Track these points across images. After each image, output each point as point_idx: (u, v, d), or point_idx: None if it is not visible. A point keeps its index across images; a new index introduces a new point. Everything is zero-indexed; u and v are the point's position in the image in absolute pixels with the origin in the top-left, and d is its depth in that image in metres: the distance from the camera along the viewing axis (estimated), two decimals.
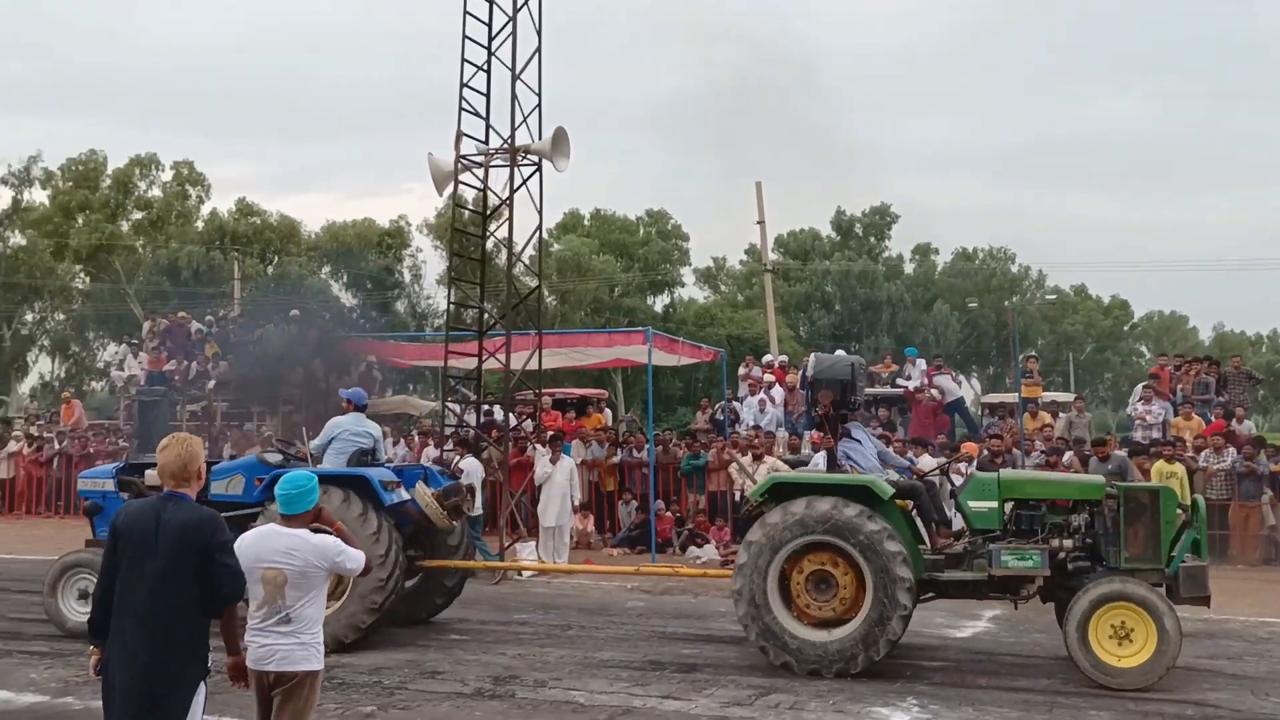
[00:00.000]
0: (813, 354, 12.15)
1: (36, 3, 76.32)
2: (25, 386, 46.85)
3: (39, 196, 46.18)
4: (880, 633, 9.55)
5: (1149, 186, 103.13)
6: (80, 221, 44.43)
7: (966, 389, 42.67)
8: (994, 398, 25.61)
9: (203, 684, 5.20)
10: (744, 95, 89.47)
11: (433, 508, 11.34)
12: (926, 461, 15.78)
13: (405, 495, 11.35)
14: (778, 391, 21.26)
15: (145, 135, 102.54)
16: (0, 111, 74.03)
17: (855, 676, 9.64)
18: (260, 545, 5.74)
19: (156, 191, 47.45)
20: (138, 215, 46.99)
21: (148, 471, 11.95)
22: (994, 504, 9.98)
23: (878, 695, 9.07)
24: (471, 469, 15.78)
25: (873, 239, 61.11)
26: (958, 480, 11.82)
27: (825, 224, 61.21)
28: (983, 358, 59.11)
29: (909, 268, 60.76)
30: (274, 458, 11.97)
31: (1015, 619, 12.71)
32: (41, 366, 47.36)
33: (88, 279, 45.23)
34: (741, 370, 23.44)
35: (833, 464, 10.60)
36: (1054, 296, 58.38)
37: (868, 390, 21.92)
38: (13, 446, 23.72)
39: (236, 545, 5.53)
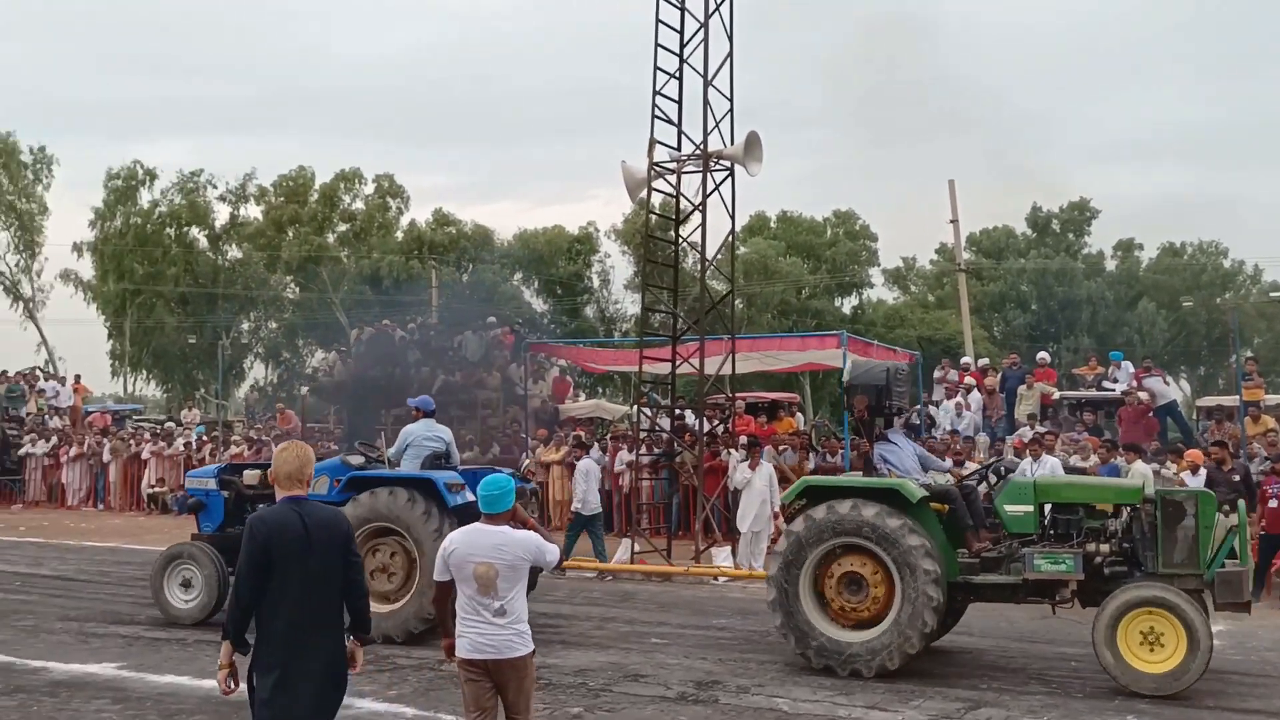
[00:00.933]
0: (850, 359, 12.20)
1: (246, 28, 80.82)
2: (241, 392, 49.52)
3: (253, 212, 48.93)
4: (912, 628, 9.63)
5: None
6: (290, 235, 46.82)
7: (1176, 392, 40.61)
8: (1209, 400, 24.32)
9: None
10: (932, 90, 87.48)
11: None
12: (1139, 469, 15.14)
13: (470, 497, 11.61)
14: (975, 396, 20.69)
15: (349, 150, 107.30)
16: (218, 132, 78.66)
17: (1063, 689, 9.32)
18: (470, 542, 6.08)
19: (359, 204, 49.64)
20: (342, 227, 49.21)
21: (246, 472, 13.05)
22: (1030, 508, 10.01)
23: (1093, 712, 8.74)
24: (587, 470, 16.68)
25: (1071, 235, 58.80)
26: (1025, 477, 11.47)
27: (1020, 221, 59.30)
28: (1192, 358, 56.18)
29: (1111, 264, 58.24)
30: (356, 460, 12.59)
31: (1240, 634, 12.04)
32: (256, 372, 49.96)
33: (297, 289, 47.57)
34: (938, 373, 22.90)
35: (869, 468, 10.80)
36: (1278, 294, 54.98)
37: (1072, 394, 21.34)
38: (234, 450, 25.15)
39: (446, 543, 6.13)
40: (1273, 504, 14.05)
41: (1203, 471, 14.85)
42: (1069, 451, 16.54)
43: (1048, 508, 10.07)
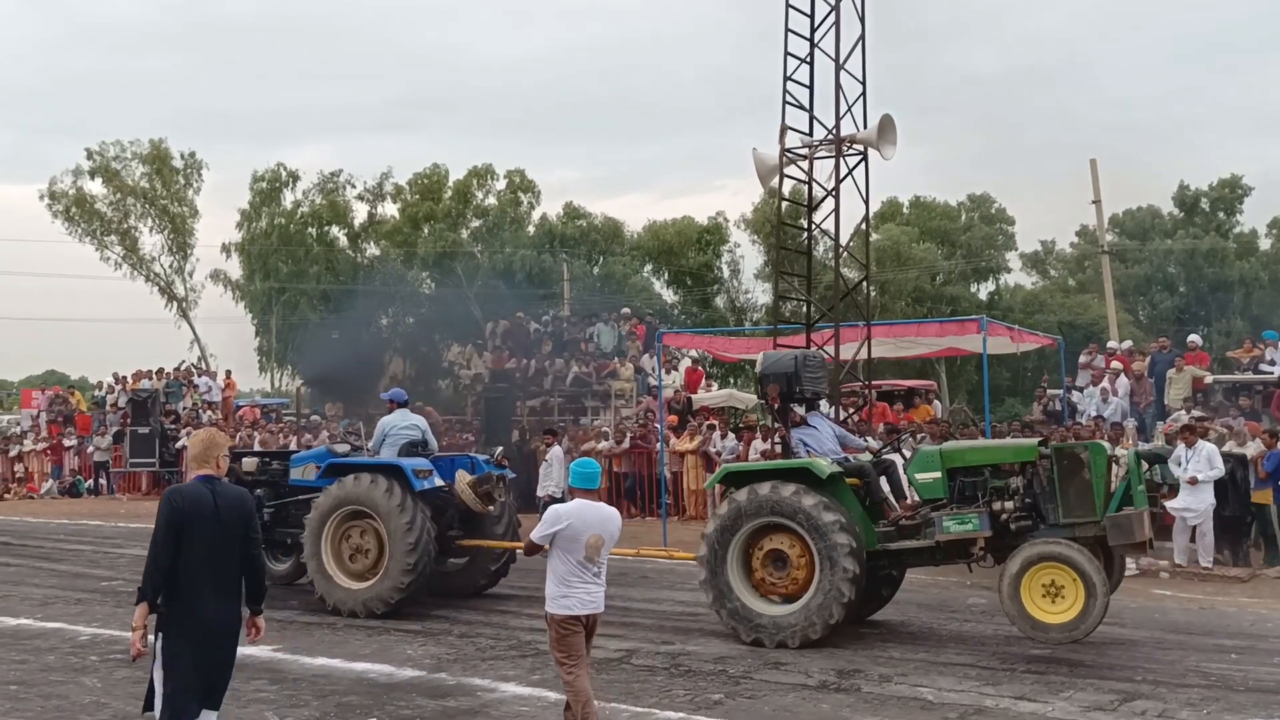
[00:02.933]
0: (761, 351, 13.10)
1: (377, 31, 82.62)
2: (381, 387, 50.63)
3: (390, 210, 50.08)
4: (832, 600, 10.20)
5: None
6: (426, 231, 47.79)
7: None
8: None
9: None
10: (1068, 67, 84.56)
11: (468, 494, 12.55)
12: None
13: (439, 482, 12.54)
14: (1122, 381, 20.00)
15: (481, 148, 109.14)
16: (356, 134, 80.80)
17: (1226, 684, 8.97)
18: (584, 516, 7.08)
19: (492, 200, 50.33)
20: (476, 223, 50.00)
21: (244, 459, 13.92)
22: (938, 474, 10.52)
23: (1259, 706, 8.40)
24: (556, 458, 17.89)
25: (1221, 214, 56.30)
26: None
27: (1166, 200, 57.02)
28: None
29: (1265, 243, 55.61)
30: (342, 448, 13.69)
31: None
32: (394, 367, 51.18)
33: (433, 285, 48.55)
34: (1083, 358, 22.19)
35: (788, 451, 11.32)
36: None
37: (1225, 378, 20.45)
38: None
39: (558, 512, 7.13)
40: None
41: None
42: (1225, 438, 15.86)
43: (955, 473, 10.54)
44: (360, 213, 49.54)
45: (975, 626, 11.73)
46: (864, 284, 17.60)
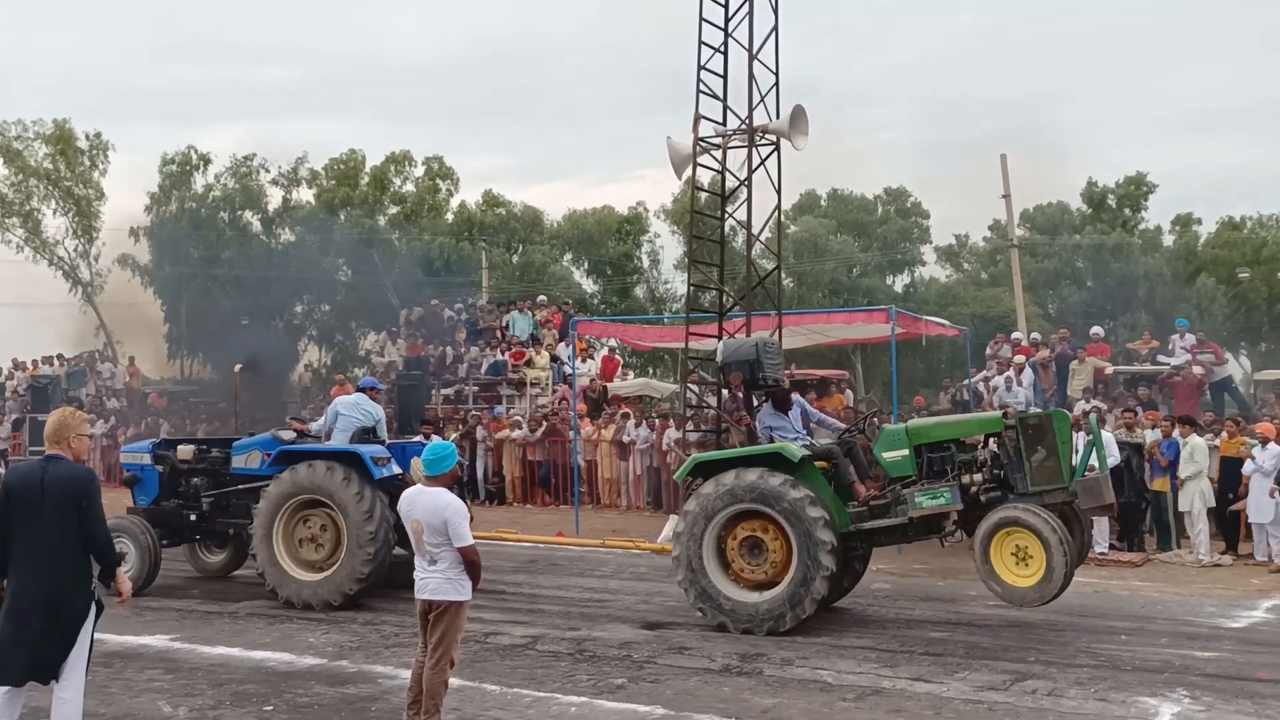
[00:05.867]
0: (720, 340, 13.04)
1: (295, 13, 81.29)
2: (295, 375, 49.95)
3: (305, 195, 49.27)
4: (806, 592, 10.18)
5: None
6: (342, 218, 47.14)
7: (1236, 367, 39.80)
8: (1270, 374, 23.78)
9: (93, 608, 6.30)
10: (983, 63, 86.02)
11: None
12: (1195, 442, 14.97)
13: (396, 470, 12.21)
14: (1027, 371, 20.43)
15: (399, 134, 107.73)
16: (269, 117, 79.29)
17: (1113, 664, 9.24)
18: (414, 501, 7.09)
19: (410, 187, 49.82)
20: (393, 210, 49.45)
21: (180, 447, 13.48)
22: (905, 452, 10.59)
23: (1142, 684, 8.63)
24: None
25: (1127, 210, 57.74)
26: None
27: (1075, 197, 58.29)
28: (1253, 333, 55.03)
29: (1168, 240, 57.14)
30: (288, 435, 13.07)
31: None
32: (310, 355, 50.40)
33: (350, 272, 47.92)
34: (990, 348, 22.65)
35: (753, 438, 11.33)
36: None
37: (1125, 369, 21.02)
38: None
39: (401, 500, 7.18)
40: None
41: (1273, 446, 14.57)
42: (1120, 425, 16.26)
43: (923, 449, 10.62)
44: (275, 198, 48.68)
45: (878, 610, 11.92)
46: (776, 273, 17.67)
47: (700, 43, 16.58)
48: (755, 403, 12.00)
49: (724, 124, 16.79)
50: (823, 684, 8.74)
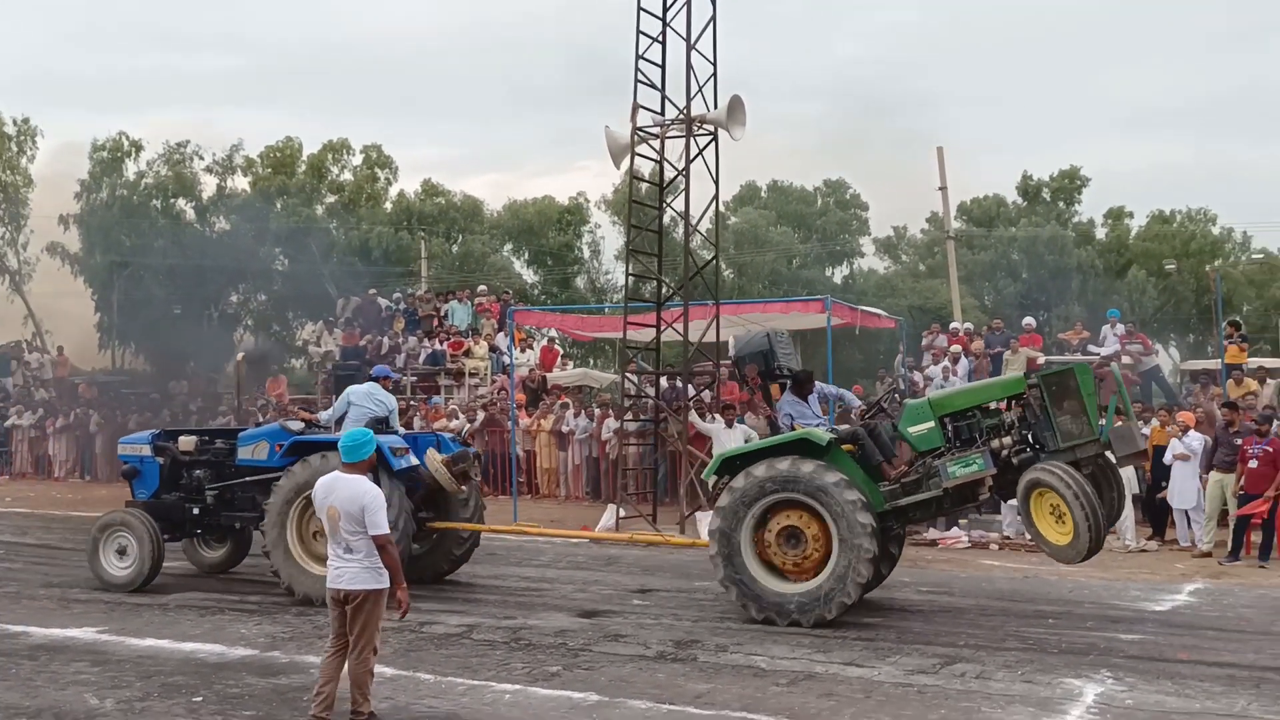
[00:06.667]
0: (731, 336, 12.60)
1: None
2: (230, 366, 49.34)
3: (240, 184, 48.56)
4: (848, 577, 10.01)
5: None
6: (279, 206, 46.55)
7: (1165, 358, 40.62)
8: (1195, 364, 24.31)
9: None
10: (921, 55, 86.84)
11: (442, 473, 11.91)
12: None
13: (414, 461, 11.92)
14: (962, 361, 20.71)
15: (337, 122, 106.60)
16: (204, 105, 78.03)
17: (1039, 646, 9.41)
18: (331, 487, 7.04)
19: (348, 175, 49.33)
20: (331, 199, 48.92)
21: (181, 438, 12.95)
22: (931, 424, 10.42)
23: (1068, 666, 8.80)
24: None
25: (1061, 204, 58.63)
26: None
27: (1011, 190, 59.10)
28: (1182, 325, 56.17)
29: (1101, 233, 58.11)
30: (295, 425, 12.70)
31: (1219, 593, 12.15)
32: (246, 345, 49.78)
33: (286, 261, 47.33)
34: (926, 339, 22.93)
35: (775, 429, 11.18)
36: (1260, 254, 54.94)
37: (1057, 358, 21.37)
38: (220, 422, 25.10)
39: (316, 487, 7.14)
40: (1252, 464, 14.10)
41: (1193, 434, 14.90)
42: None
43: (947, 420, 10.47)
44: (209, 186, 47.92)
45: None
46: (715, 263, 17.75)
47: (638, 32, 16.63)
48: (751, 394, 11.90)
49: (662, 114, 16.85)
50: (756, 669, 8.81)
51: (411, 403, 23.01)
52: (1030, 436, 10.35)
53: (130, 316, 41.34)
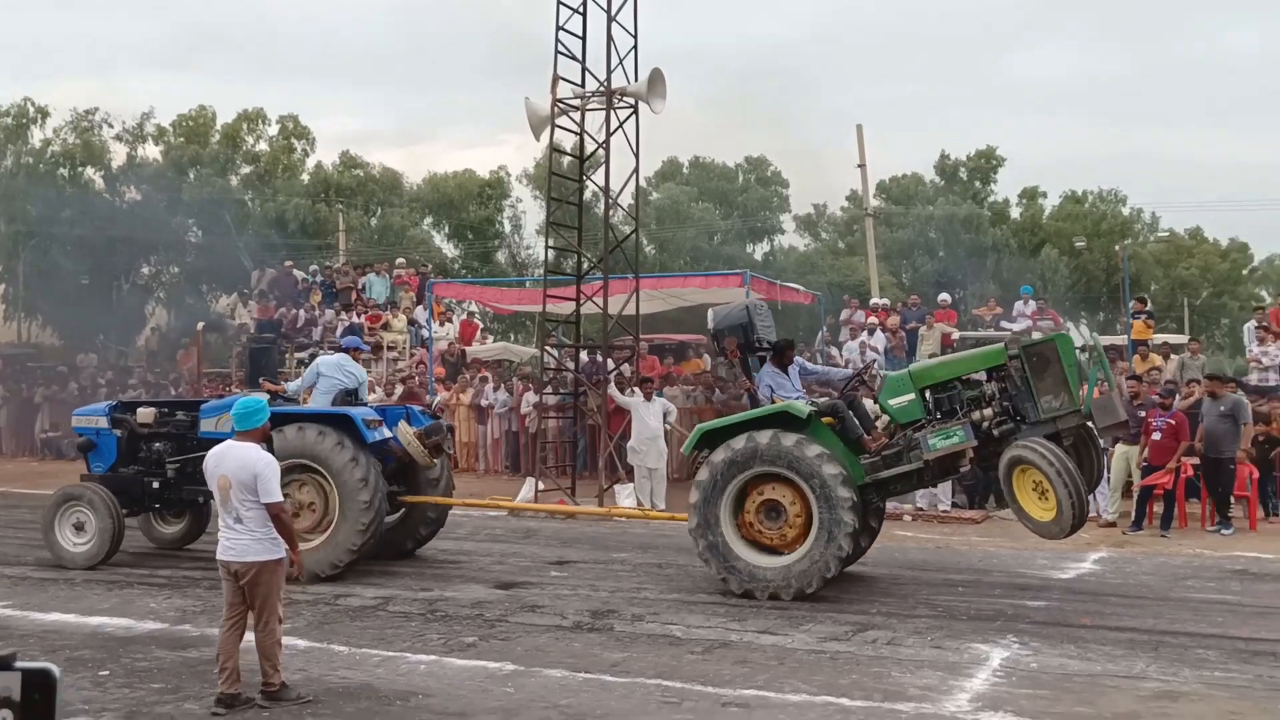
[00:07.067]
0: (710, 309, 12.55)
1: None
2: (142, 339, 48.34)
3: (152, 152, 47.34)
4: (830, 551, 9.99)
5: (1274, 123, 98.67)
6: (192, 176, 45.50)
7: (1076, 335, 41.48)
8: (1106, 340, 24.89)
9: None
10: (842, 36, 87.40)
11: (415, 445, 11.68)
12: None
13: (387, 433, 11.74)
14: (879, 335, 20.99)
15: (252, 91, 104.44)
16: (114, 71, 75.89)
17: (949, 613, 9.61)
18: (219, 456, 7.00)
19: (264, 146, 48.35)
20: (246, 169, 47.94)
21: (140, 410, 12.58)
22: (912, 396, 10.38)
23: (976, 632, 9.00)
24: None
25: (978, 183, 59.58)
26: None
27: (929, 168, 59.88)
28: (1093, 303, 57.49)
29: (1015, 212, 59.16)
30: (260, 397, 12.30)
31: (1122, 561, 12.49)
32: (158, 318, 48.79)
33: (200, 232, 46.32)
34: (844, 314, 23.19)
35: (755, 403, 11.02)
36: (1166, 233, 56.42)
37: (971, 334, 21.74)
38: (131, 395, 24.56)
39: (208, 456, 7.13)
40: (1156, 437, 14.49)
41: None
42: None
43: (928, 392, 10.43)
44: (119, 154, 46.64)
45: None
46: (635, 236, 17.75)
47: (559, 3, 16.51)
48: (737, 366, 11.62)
49: (583, 86, 16.77)
50: (672, 638, 8.88)
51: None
52: (1011, 408, 10.30)
53: (37, 288, 40.23)
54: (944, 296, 23.45)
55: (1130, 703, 7.05)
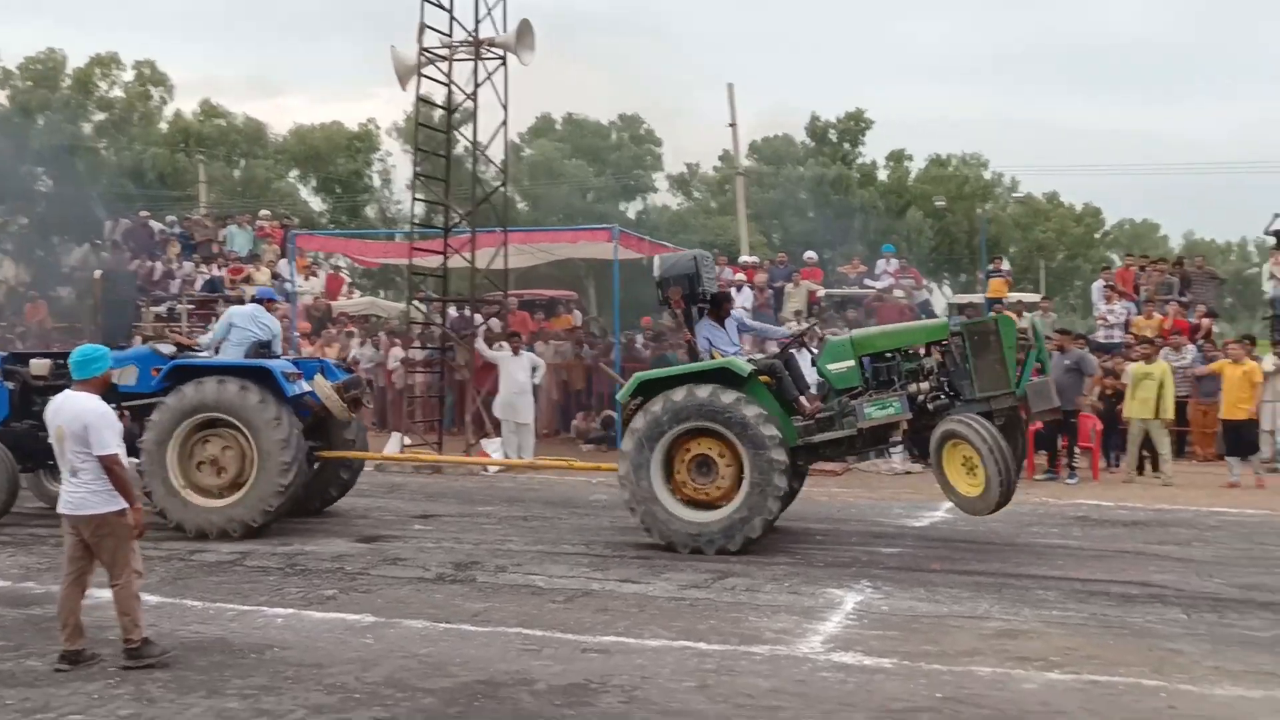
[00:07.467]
0: (657, 255, 12.47)
1: None
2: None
3: None
4: (757, 512, 9.98)
5: (1133, 94, 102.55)
6: (40, 122, 43.53)
7: (938, 295, 42.66)
8: (961, 298, 25.69)
9: None
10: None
11: (333, 399, 11.44)
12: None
13: (306, 387, 11.49)
14: (746, 292, 21.23)
15: (107, 35, 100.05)
16: None
17: (806, 559, 9.86)
18: (56, 407, 6.79)
19: (118, 92, 46.53)
20: (100, 116, 46.06)
21: (33, 361, 12.02)
22: (851, 363, 10.40)
23: (832, 578, 9.23)
24: None
25: (847, 145, 60.59)
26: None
27: (799, 130, 60.64)
28: (955, 265, 59.19)
29: (883, 174, 60.41)
30: (167, 349, 12.03)
31: None
32: (5, 272, 46.64)
33: (50, 182, 44.34)
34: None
35: (695, 355, 10.98)
36: (1020, 195, 58.36)
37: (835, 291, 22.20)
38: None
39: (48, 406, 6.92)
40: None
41: None
42: None
43: (867, 360, 10.44)
44: None
45: (593, 520, 12.23)
46: (503, 190, 17.58)
47: None
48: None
49: (450, 35, 16.49)
50: (534, 588, 8.91)
51: (178, 329, 22.03)
52: (948, 384, 10.35)
53: None
54: (810, 254, 23.83)
55: (973, 641, 7.33)
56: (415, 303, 18.03)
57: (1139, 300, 19.40)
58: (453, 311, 18.09)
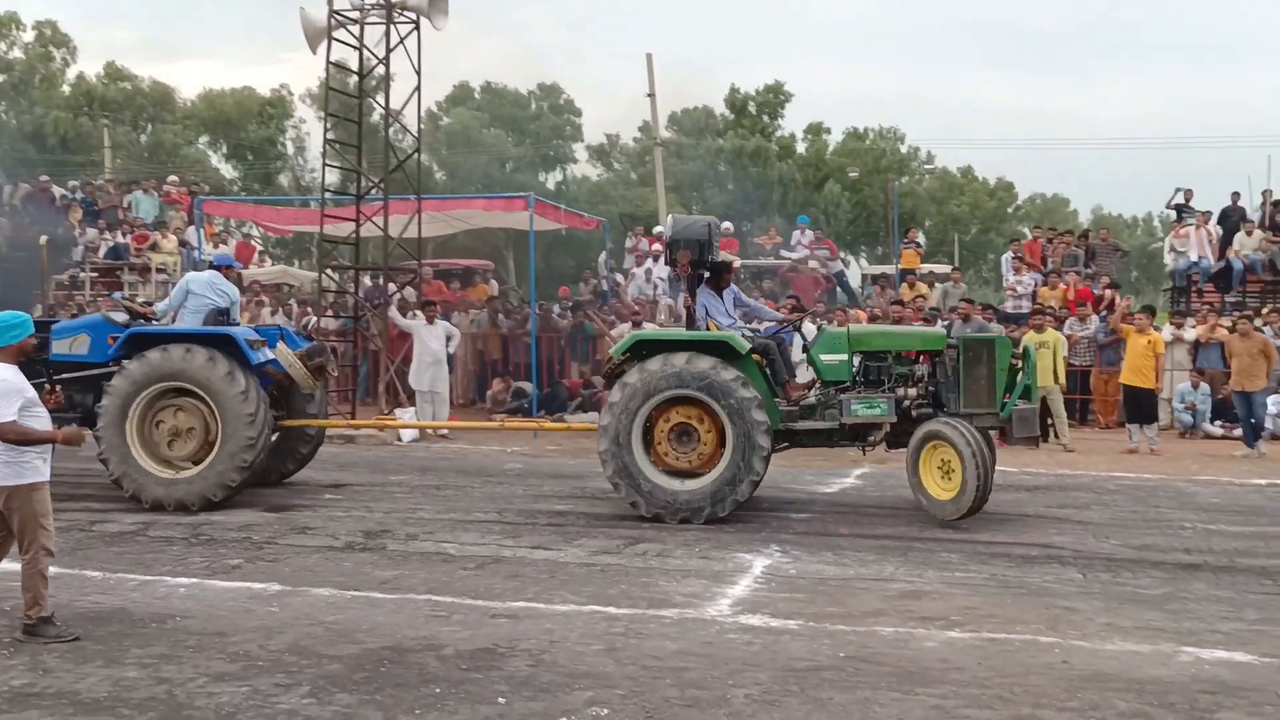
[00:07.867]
0: (671, 215, 12.35)
1: None
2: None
3: None
4: (730, 491, 10.01)
5: (1047, 71, 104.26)
6: None
7: (855, 267, 43.17)
8: (876, 269, 26.04)
9: None
10: None
11: (297, 368, 11.23)
12: (808, 327, 16.09)
13: (269, 355, 11.25)
14: (663, 264, 21.27)
15: None
16: None
17: (718, 526, 9.94)
18: None
19: (18, 53, 45.01)
20: None
21: None
22: (844, 356, 10.49)
23: (742, 543, 9.32)
24: None
25: (766, 117, 60.83)
26: (809, 335, 12.01)
27: (719, 102, 60.73)
28: (872, 237, 59.84)
29: (801, 147, 60.77)
30: (120, 317, 11.74)
31: (881, 476, 13.14)
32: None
33: None
34: (629, 242, 23.40)
35: (692, 321, 10.92)
36: (931, 167, 59.13)
37: (751, 262, 22.34)
38: None
39: None
40: None
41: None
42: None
43: (859, 357, 10.52)
44: None
45: (507, 488, 12.20)
46: (416, 156, 17.36)
47: None
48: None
49: None
50: (445, 555, 8.87)
51: (91, 299, 21.49)
52: (935, 394, 10.40)
53: None
54: (726, 225, 23.83)
55: (878, 602, 7.46)
56: (328, 271, 17.78)
57: (1045, 271, 19.80)
58: (366, 280, 17.86)
